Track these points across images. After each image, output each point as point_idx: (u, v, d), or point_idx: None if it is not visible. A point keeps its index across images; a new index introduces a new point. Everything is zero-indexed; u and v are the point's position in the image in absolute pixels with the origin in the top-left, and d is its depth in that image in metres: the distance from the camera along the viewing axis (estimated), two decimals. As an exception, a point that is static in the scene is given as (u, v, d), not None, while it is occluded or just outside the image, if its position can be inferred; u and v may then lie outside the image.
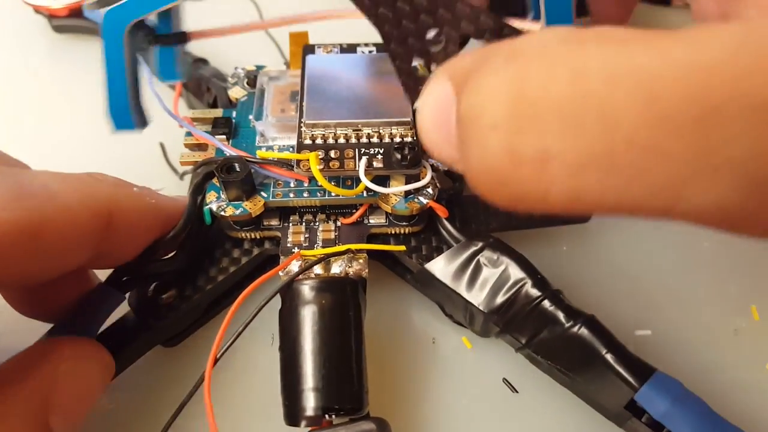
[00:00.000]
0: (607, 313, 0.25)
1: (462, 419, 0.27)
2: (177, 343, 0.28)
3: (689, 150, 0.12)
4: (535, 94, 0.13)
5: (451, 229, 0.27)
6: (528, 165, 0.14)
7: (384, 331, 0.29)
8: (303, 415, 0.22)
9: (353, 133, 0.26)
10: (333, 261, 0.26)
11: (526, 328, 0.25)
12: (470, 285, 0.26)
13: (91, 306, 0.24)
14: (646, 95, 0.12)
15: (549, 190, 0.14)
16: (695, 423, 0.22)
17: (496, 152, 0.14)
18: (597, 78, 0.13)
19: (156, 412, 0.27)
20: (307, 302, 0.24)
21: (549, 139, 0.13)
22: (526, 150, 0.14)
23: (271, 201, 0.26)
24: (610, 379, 0.23)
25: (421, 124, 0.18)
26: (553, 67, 0.13)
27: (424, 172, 0.26)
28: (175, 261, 0.26)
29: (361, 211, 0.27)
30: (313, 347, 0.23)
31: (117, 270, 0.25)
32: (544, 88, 0.13)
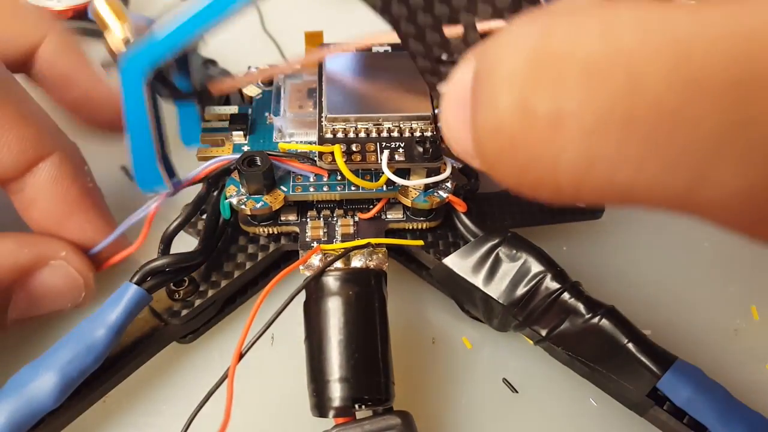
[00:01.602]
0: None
1: (462, 419, 0.27)
2: (193, 339, 0.28)
3: (722, 121, 0.11)
4: (560, 48, 0.12)
5: (469, 224, 0.27)
6: (541, 123, 0.12)
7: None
8: (332, 405, 0.22)
9: (374, 128, 0.26)
10: (353, 255, 0.26)
11: (546, 320, 0.25)
12: (489, 279, 0.26)
13: (118, 304, 0.24)
14: (680, 54, 0.11)
15: (560, 157, 0.13)
16: (718, 409, 0.23)
17: (508, 107, 0.13)
18: (630, 32, 0.12)
19: (173, 408, 0.26)
20: (334, 293, 0.24)
21: (568, 96, 0.12)
22: (540, 106, 0.12)
23: (291, 195, 0.26)
24: (632, 368, 0.24)
25: (441, 108, 0.17)
26: (584, 20, 0.12)
27: (444, 167, 0.26)
28: (195, 256, 0.25)
29: (379, 206, 0.27)
30: (341, 338, 0.23)
31: (144, 269, 0.25)
32: (572, 41, 0.12)
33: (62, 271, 0.25)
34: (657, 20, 0.11)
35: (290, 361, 0.26)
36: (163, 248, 0.26)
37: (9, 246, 0.24)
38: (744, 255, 0.32)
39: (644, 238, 0.33)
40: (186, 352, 0.28)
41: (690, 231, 0.33)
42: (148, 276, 0.25)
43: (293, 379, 0.25)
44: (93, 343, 0.23)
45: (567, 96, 0.12)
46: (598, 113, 0.12)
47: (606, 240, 0.33)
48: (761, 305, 0.31)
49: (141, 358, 0.26)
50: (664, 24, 0.11)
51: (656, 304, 0.31)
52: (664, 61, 0.11)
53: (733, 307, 0.31)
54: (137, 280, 0.24)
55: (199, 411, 0.22)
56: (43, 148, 0.25)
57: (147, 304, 0.24)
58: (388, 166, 0.25)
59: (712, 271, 0.32)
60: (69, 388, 0.23)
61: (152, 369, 0.27)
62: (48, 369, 0.22)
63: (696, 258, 0.32)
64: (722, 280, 0.31)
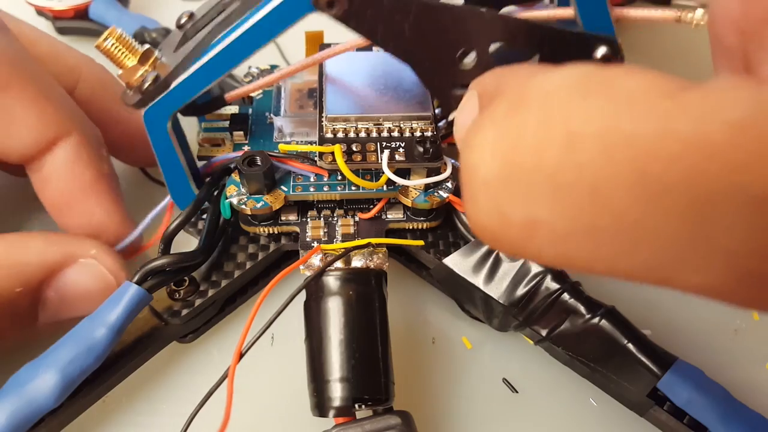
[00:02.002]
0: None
1: (462, 419, 0.27)
2: (193, 339, 0.28)
3: (681, 233, 0.11)
4: (527, 159, 0.13)
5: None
6: (516, 228, 0.14)
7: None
8: (332, 405, 0.22)
9: (374, 127, 0.26)
10: (353, 255, 0.26)
11: (546, 320, 0.25)
12: (489, 279, 0.26)
13: (119, 304, 0.24)
14: (640, 172, 0.11)
15: (540, 253, 0.14)
16: (718, 409, 0.23)
17: (487, 211, 0.14)
18: (592, 146, 0.12)
19: (173, 408, 0.26)
20: (335, 293, 0.24)
21: (538, 206, 0.13)
22: (514, 213, 0.13)
23: (291, 195, 0.26)
24: (632, 368, 0.24)
25: (455, 137, 0.18)
26: (550, 128, 0.13)
27: (445, 167, 0.26)
28: (196, 255, 0.25)
29: (380, 206, 0.27)
30: (341, 338, 0.23)
31: (144, 269, 0.25)
32: (537, 153, 0.13)
33: (92, 270, 0.25)
34: (621, 130, 0.12)
35: (290, 361, 0.26)
36: (164, 248, 0.26)
37: (37, 244, 0.24)
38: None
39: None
40: (185, 351, 0.28)
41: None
42: (149, 275, 0.25)
43: (293, 378, 0.25)
44: (93, 342, 0.23)
45: (537, 206, 0.13)
46: (566, 222, 0.13)
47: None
48: (761, 305, 0.31)
49: (141, 357, 0.26)
50: (628, 134, 0.12)
51: (656, 304, 0.30)
52: (626, 177, 0.12)
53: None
54: (137, 279, 0.24)
55: (199, 411, 0.22)
56: (63, 128, 0.25)
57: (147, 304, 0.24)
58: (388, 166, 0.25)
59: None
60: (69, 387, 0.23)
61: (152, 368, 0.27)
62: (48, 368, 0.22)
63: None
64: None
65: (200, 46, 0.23)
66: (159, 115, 0.24)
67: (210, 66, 0.23)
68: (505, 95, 0.14)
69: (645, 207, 0.12)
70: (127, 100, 0.24)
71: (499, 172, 0.14)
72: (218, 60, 0.22)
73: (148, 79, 0.23)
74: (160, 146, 0.25)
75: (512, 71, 0.16)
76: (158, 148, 0.25)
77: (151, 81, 0.23)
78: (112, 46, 0.24)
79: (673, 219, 0.11)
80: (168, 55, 0.25)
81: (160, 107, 0.23)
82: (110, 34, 0.24)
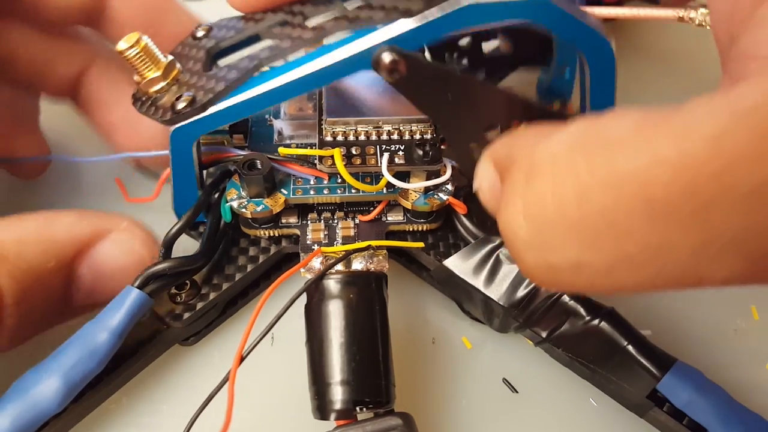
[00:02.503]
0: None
1: (462, 419, 0.27)
2: (195, 342, 0.28)
3: (694, 241, 0.13)
4: (553, 216, 0.15)
5: (469, 226, 0.27)
6: (565, 273, 0.16)
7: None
8: (333, 408, 0.22)
9: (374, 130, 0.26)
10: (353, 258, 0.26)
11: (546, 322, 0.25)
12: (489, 280, 0.26)
13: (120, 308, 0.24)
14: (646, 200, 0.13)
15: (593, 286, 0.16)
16: (717, 411, 0.23)
17: (535, 265, 0.16)
18: (600, 192, 0.14)
19: (172, 408, 0.27)
20: (335, 296, 0.24)
21: (574, 251, 0.15)
22: (558, 261, 0.15)
23: (291, 198, 0.27)
24: (632, 369, 0.24)
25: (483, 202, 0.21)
26: (564, 187, 0.15)
27: (444, 169, 0.26)
28: (197, 259, 0.26)
29: (380, 208, 0.27)
30: (342, 341, 0.23)
31: (145, 273, 0.25)
32: (560, 209, 0.15)
33: (124, 244, 0.25)
34: (621, 170, 0.14)
35: (291, 363, 0.26)
36: (164, 252, 0.26)
37: (68, 219, 0.24)
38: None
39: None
40: (185, 353, 0.28)
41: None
42: (150, 280, 0.25)
43: (294, 380, 0.25)
44: (96, 347, 0.23)
45: (574, 251, 0.15)
46: (603, 260, 0.15)
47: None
48: (761, 305, 0.30)
49: (143, 361, 0.26)
50: (627, 172, 0.14)
51: (656, 304, 0.31)
52: (637, 208, 0.13)
53: (733, 307, 0.31)
54: (139, 284, 0.24)
55: (200, 414, 0.23)
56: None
57: (149, 308, 0.25)
58: (388, 169, 0.25)
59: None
60: (73, 392, 0.23)
61: (152, 369, 0.27)
62: (52, 373, 0.22)
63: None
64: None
65: (245, 77, 0.23)
66: (188, 135, 0.24)
67: (258, 100, 0.23)
68: (518, 165, 0.17)
69: (661, 228, 0.13)
70: (142, 109, 0.25)
71: (535, 232, 0.16)
72: (268, 95, 0.23)
73: (182, 100, 0.23)
74: (179, 162, 0.25)
75: (519, 139, 0.18)
76: (176, 163, 0.25)
77: (187, 103, 0.23)
78: (136, 57, 0.24)
79: (685, 230, 0.13)
80: (193, 72, 0.25)
81: (192, 128, 0.24)
82: (136, 44, 0.24)
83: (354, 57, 0.22)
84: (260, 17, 0.26)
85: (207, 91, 0.24)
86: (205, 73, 0.24)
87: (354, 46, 0.22)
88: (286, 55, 0.24)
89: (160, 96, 0.25)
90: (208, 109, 0.23)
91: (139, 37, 0.24)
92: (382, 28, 0.22)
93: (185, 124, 0.24)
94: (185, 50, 0.26)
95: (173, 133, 0.24)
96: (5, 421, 0.22)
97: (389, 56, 0.21)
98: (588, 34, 0.25)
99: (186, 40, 0.27)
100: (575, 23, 0.24)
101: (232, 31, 0.26)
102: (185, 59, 0.26)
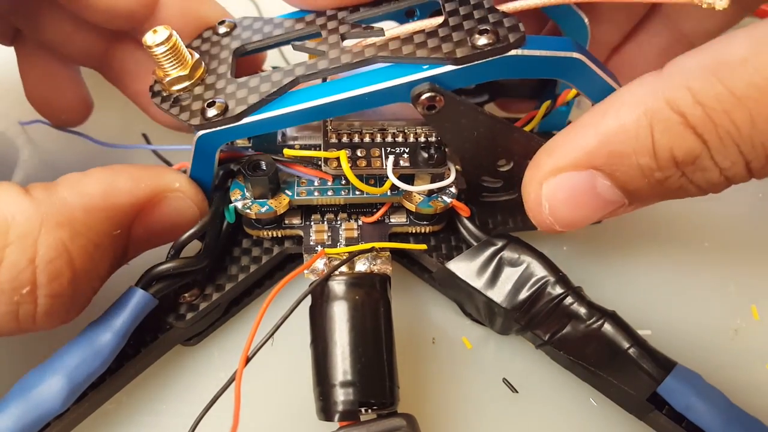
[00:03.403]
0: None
1: (461, 418, 0.27)
2: (198, 342, 0.28)
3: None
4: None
5: (472, 228, 0.27)
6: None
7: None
8: (337, 409, 0.22)
9: (378, 133, 0.26)
10: (357, 259, 0.26)
11: (548, 324, 0.26)
12: (492, 283, 0.26)
13: (125, 308, 0.24)
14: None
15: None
16: (716, 414, 0.23)
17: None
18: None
19: (173, 407, 0.27)
20: (340, 298, 0.24)
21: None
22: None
23: (295, 199, 0.27)
24: (633, 372, 0.24)
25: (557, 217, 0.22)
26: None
27: (448, 172, 0.26)
28: (200, 260, 0.25)
29: (383, 210, 0.27)
30: (346, 343, 0.23)
31: (149, 274, 0.25)
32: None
33: (179, 203, 0.25)
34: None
35: (295, 364, 0.26)
36: (173, 254, 0.26)
37: (125, 183, 0.24)
38: (744, 255, 0.32)
39: (643, 239, 0.33)
40: (185, 352, 0.28)
41: (690, 231, 0.33)
42: (154, 280, 0.25)
43: (298, 381, 0.25)
44: (100, 347, 0.23)
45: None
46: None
47: (606, 240, 0.33)
48: (761, 305, 0.31)
49: (146, 361, 0.26)
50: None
51: (656, 304, 0.31)
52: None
53: (733, 307, 0.31)
54: (143, 284, 0.24)
55: (204, 416, 0.23)
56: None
57: (152, 308, 0.25)
58: (393, 172, 0.25)
59: (712, 271, 0.32)
60: (76, 392, 0.23)
61: (152, 368, 0.27)
62: (55, 373, 0.22)
63: (696, 258, 0.33)
64: (722, 280, 0.32)
65: (281, 91, 0.24)
66: (215, 141, 0.24)
67: (294, 116, 0.23)
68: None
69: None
70: (163, 105, 0.25)
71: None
72: (305, 113, 0.23)
73: (215, 108, 0.23)
74: (200, 164, 0.25)
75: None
76: (197, 165, 0.25)
77: (219, 111, 0.23)
78: (163, 55, 0.24)
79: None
80: (220, 75, 0.25)
81: (220, 136, 0.24)
82: (166, 41, 0.23)
83: (394, 88, 0.23)
84: (290, 24, 0.26)
85: (239, 101, 0.23)
86: (235, 80, 0.24)
87: (396, 79, 0.23)
88: (324, 75, 0.24)
89: (184, 96, 0.24)
90: (242, 119, 0.23)
91: (170, 34, 0.23)
92: (423, 66, 0.23)
93: (214, 131, 0.24)
94: (208, 47, 0.26)
95: (200, 138, 0.24)
96: (9, 421, 0.22)
97: (429, 93, 0.22)
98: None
99: (207, 34, 0.27)
100: (602, 84, 0.24)
101: (258, 35, 0.26)
102: (209, 58, 0.25)
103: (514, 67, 0.23)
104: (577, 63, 0.23)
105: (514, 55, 0.22)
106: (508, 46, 0.22)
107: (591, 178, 0.21)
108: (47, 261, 0.21)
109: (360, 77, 0.23)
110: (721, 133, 0.18)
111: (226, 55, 0.25)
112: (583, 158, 0.20)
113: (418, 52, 0.22)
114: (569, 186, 0.21)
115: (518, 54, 0.22)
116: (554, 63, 0.23)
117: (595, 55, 0.24)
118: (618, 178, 0.20)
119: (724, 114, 0.18)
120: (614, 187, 0.21)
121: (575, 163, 0.21)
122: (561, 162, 0.21)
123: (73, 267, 0.22)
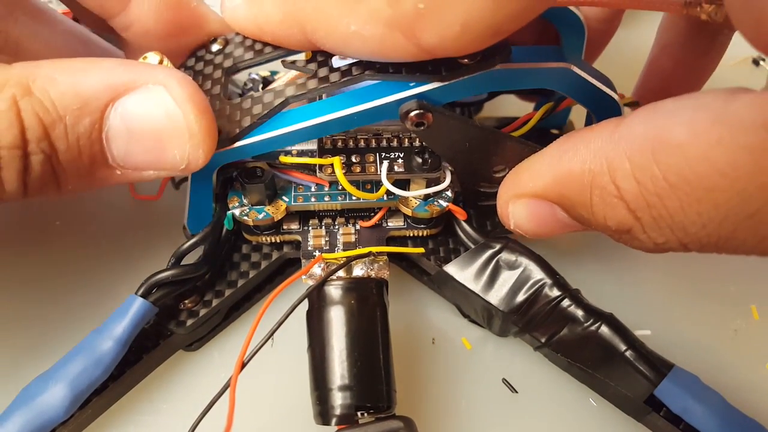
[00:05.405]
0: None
1: (461, 419, 0.27)
2: (198, 347, 0.28)
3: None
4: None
5: (469, 231, 0.27)
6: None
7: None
8: (334, 413, 0.23)
9: (373, 138, 0.26)
10: (354, 264, 0.26)
11: (545, 327, 0.26)
12: (489, 286, 0.26)
13: (125, 317, 0.24)
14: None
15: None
16: (714, 416, 0.23)
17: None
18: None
19: (172, 408, 0.27)
20: (337, 303, 0.24)
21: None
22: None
23: (292, 205, 0.27)
24: (630, 375, 0.24)
25: (523, 230, 0.24)
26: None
27: (444, 176, 0.26)
28: (200, 267, 0.26)
29: (380, 215, 0.28)
30: (343, 347, 0.23)
31: (149, 282, 0.25)
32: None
33: (158, 97, 0.22)
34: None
35: (292, 368, 0.26)
36: (174, 262, 0.26)
37: (106, 64, 0.22)
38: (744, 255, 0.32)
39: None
40: (186, 354, 0.28)
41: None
42: (154, 288, 0.25)
43: (295, 386, 0.25)
44: (101, 355, 0.23)
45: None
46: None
47: (606, 240, 0.32)
48: (761, 305, 0.31)
49: (148, 367, 0.26)
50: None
51: (655, 304, 0.31)
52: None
53: (733, 307, 0.31)
54: (142, 292, 0.25)
55: (201, 420, 0.23)
56: None
57: (153, 316, 0.25)
58: (387, 177, 0.25)
59: (712, 271, 0.32)
60: (78, 399, 0.23)
61: (158, 376, 0.27)
62: (58, 381, 0.23)
63: (696, 258, 0.32)
64: (722, 280, 0.32)
65: (272, 113, 0.24)
66: (211, 164, 0.24)
67: (286, 137, 0.24)
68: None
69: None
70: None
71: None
72: (297, 134, 0.23)
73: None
74: (198, 185, 0.26)
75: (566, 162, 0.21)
76: (196, 187, 0.26)
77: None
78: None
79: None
80: (214, 96, 0.25)
81: (215, 159, 0.24)
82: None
83: (383, 107, 0.23)
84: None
85: (233, 123, 0.24)
86: (228, 102, 0.24)
87: (384, 98, 0.23)
88: (314, 95, 0.24)
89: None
90: (237, 142, 0.24)
91: (160, 59, 0.23)
92: (410, 83, 0.23)
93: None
94: (201, 66, 0.26)
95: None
96: (13, 429, 0.22)
97: (417, 110, 0.23)
98: (607, 103, 0.25)
99: (200, 52, 0.27)
100: (595, 91, 0.25)
101: (250, 52, 0.26)
102: (202, 78, 0.25)
103: (502, 80, 0.23)
104: (567, 73, 0.23)
105: (500, 69, 0.22)
106: (494, 60, 0.22)
107: (550, 206, 0.22)
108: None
109: (349, 96, 0.23)
110: (653, 214, 0.18)
111: (218, 75, 0.25)
112: (539, 192, 0.22)
113: (404, 70, 0.22)
114: (531, 210, 0.23)
115: (505, 68, 0.22)
116: (543, 74, 0.23)
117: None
118: (572, 214, 0.21)
119: (656, 197, 0.18)
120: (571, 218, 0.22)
121: (534, 194, 0.22)
122: (522, 190, 0.22)
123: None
